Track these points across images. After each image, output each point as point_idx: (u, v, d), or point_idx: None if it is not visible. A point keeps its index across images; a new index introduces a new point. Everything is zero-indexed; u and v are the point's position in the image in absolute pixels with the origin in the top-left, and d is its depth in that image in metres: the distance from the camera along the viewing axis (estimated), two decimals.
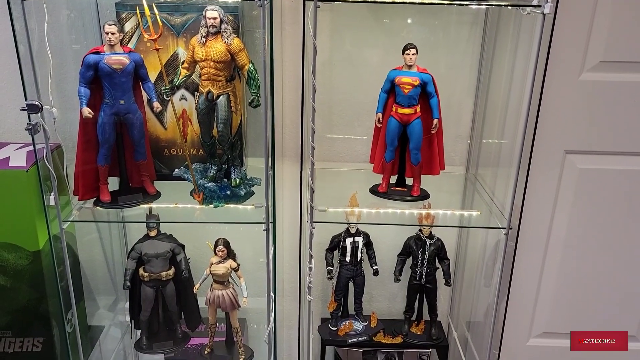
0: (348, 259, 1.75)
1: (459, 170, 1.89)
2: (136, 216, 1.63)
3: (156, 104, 1.49)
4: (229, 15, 1.47)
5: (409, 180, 1.66)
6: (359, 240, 1.74)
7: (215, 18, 1.39)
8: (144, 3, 1.37)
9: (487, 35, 1.72)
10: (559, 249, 1.89)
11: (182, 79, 1.49)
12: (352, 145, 1.87)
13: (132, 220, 1.72)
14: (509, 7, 1.52)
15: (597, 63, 1.66)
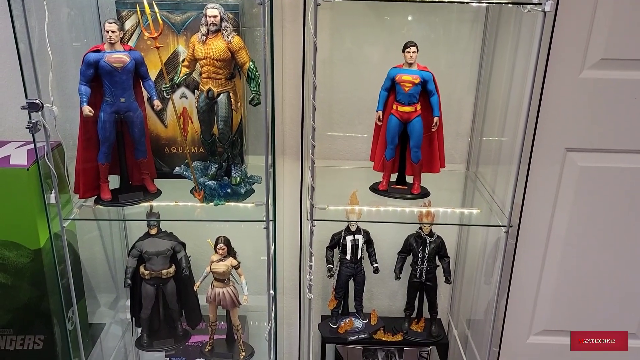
0: (348, 256, 1.75)
1: (460, 168, 1.89)
2: (137, 214, 1.63)
3: (157, 102, 1.49)
4: (229, 13, 1.46)
5: (410, 178, 1.66)
6: (360, 238, 1.74)
7: (215, 16, 1.39)
8: (144, 1, 1.37)
9: (487, 33, 1.71)
10: (559, 247, 1.90)
11: (182, 77, 1.49)
12: (353, 143, 1.87)
13: (133, 218, 1.72)
14: (510, 5, 1.52)
15: (598, 60, 1.66)
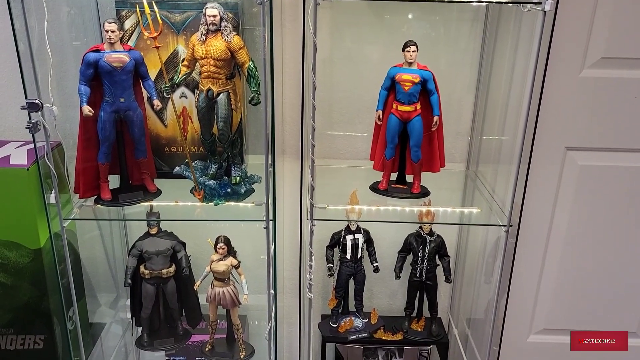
0: (348, 256, 1.75)
1: (460, 167, 1.89)
2: (137, 214, 1.63)
3: (156, 102, 1.49)
4: (228, 13, 1.46)
5: (410, 178, 1.66)
6: (360, 237, 1.74)
7: (215, 16, 1.39)
8: (144, 1, 1.37)
9: (487, 32, 1.71)
10: (559, 246, 1.90)
11: (182, 77, 1.49)
12: (353, 142, 1.87)
13: (133, 218, 1.72)
14: (510, 4, 1.51)
15: (598, 59, 1.66)
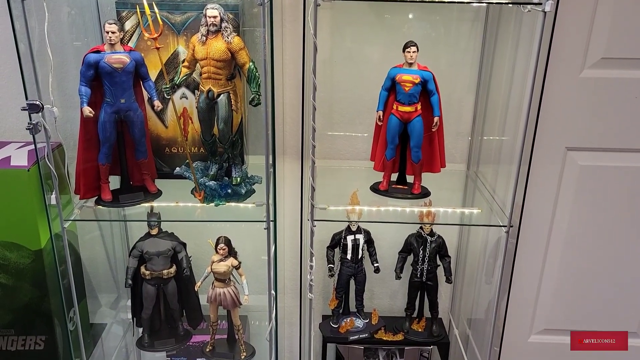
0: (349, 256, 1.75)
1: (460, 167, 1.89)
2: (137, 215, 1.63)
3: (157, 103, 1.49)
4: (229, 14, 1.46)
5: (410, 178, 1.66)
6: (360, 237, 1.74)
7: (215, 16, 1.39)
8: (144, 2, 1.37)
9: (488, 32, 1.71)
10: (559, 246, 1.90)
11: (182, 78, 1.49)
12: (353, 142, 1.87)
13: (134, 218, 1.72)
14: (510, 4, 1.51)
15: (598, 60, 1.65)
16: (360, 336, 1.84)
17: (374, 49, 1.77)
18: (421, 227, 1.75)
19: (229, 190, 1.55)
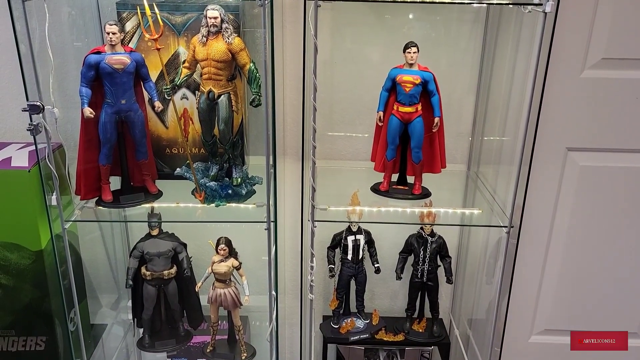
0: (350, 256, 1.75)
1: (461, 168, 1.89)
2: (138, 215, 1.63)
3: (157, 104, 1.49)
4: (229, 15, 1.46)
5: (410, 179, 1.66)
6: (361, 238, 1.74)
7: (216, 17, 1.39)
8: (145, 2, 1.37)
9: (488, 33, 1.71)
10: (560, 247, 1.90)
11: (183, 79, 1.49)
12: (354, 143, 1.87)
13: (134, 219, 1.72)
14: (510, 5, 1.51)
15: (599, 60, 1.65)
16: (361, 337, 1.84)
17: (374, 50, 1.77)
18: (422, 228, 1.75)
19: (230, 191, 1.55)
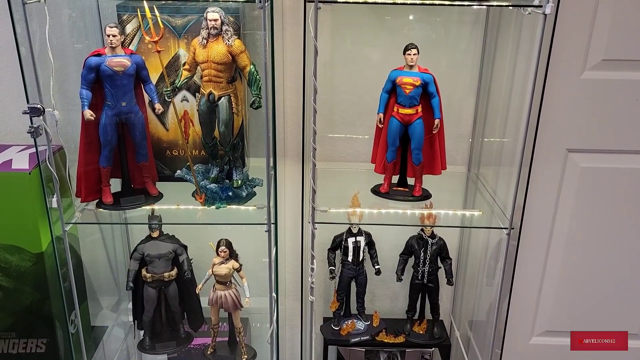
0: (350, 258, 1.75)
1: (461, 169, 1.89)
2: (138, 217, 1.63)
3: (158, 106, 1.49)
4: (229, 17, 1.46)
5: (411, 180, 1.66)
6: (361, 239, 1.74)
7: (216, 20, 1.39)
8: (145, 5, 1.38)
9: (488, 34, 1.71)
10: (560, 248, 1.89)
11: (183, 81, 1.49)
12: (354, 144, 1.87)
13: (135, 221, 1.72)
14: (510, 7, 1.51)
15: (599, 61, 1.65)
16: (362, 338, 1.84)
17: (374, 51, 1.77)
18: (422, 229, 1.75)
19: (230, 193, 1.55)
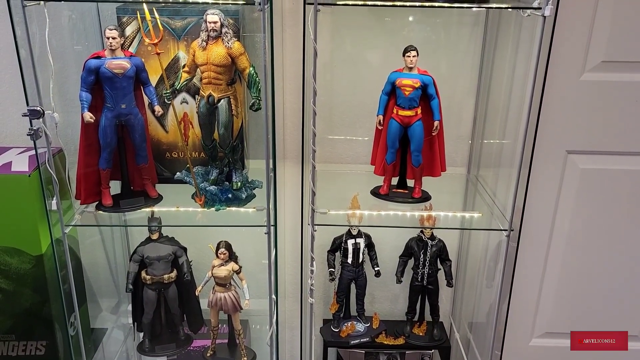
0: (350, 260, 1.75)
1: (460, 171, 1.89)
2: (138, 219, 1.63)
3: (157, 108, 1.49)
4: (229, 19, 1.47)
5: (410, 182, 1.66)
6: (361, 241, 1.74)
7: (215, 22, 1.39)
8: (145, 7, 1.38)
9: (488, 36, 1.71)
10: (560, 250, 1.89)
11: (183, 83, 1.49)
12: (354, 146, 1.87)
13: (134, 223, 1.72)
14: (510, 9, 1.51)
15: (599, 63, 1.66)
16: (361, 340, 1.84)
17: (374, 53, 1.77)
18: (422, 231, 1.75)
19: (230, 195, 1.55)
